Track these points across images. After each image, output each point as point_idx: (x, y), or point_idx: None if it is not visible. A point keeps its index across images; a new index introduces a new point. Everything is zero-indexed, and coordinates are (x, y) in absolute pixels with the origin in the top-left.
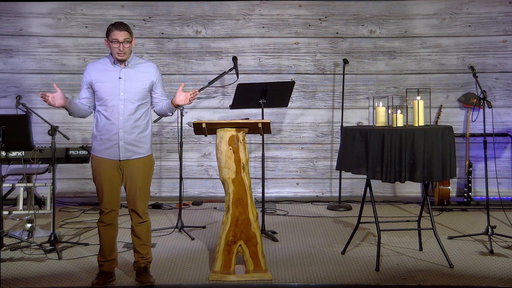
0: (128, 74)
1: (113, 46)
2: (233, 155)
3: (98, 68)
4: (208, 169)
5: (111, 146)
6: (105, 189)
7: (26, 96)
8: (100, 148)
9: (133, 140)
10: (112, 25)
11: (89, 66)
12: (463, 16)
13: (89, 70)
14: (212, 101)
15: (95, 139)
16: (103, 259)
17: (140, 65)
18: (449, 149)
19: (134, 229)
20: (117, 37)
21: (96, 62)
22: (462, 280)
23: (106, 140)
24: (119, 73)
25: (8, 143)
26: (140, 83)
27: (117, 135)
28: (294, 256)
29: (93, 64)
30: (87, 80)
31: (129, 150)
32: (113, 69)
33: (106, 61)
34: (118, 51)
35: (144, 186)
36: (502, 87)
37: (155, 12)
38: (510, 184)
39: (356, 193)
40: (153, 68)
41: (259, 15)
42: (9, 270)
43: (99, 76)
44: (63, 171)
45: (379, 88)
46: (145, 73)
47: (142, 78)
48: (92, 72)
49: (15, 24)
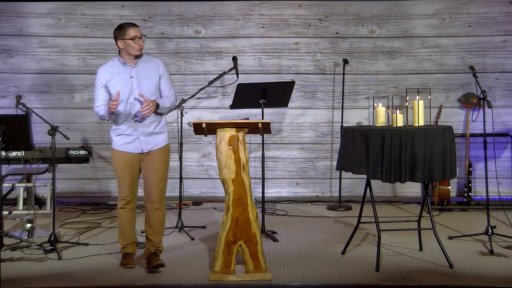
0: (138, 72)
1: (133, 43)
2: (233, 155)
3: (110, 70)
4: (208, 169)
5: (132, 141)
6: (128, 179)
7: (26, 96)
8: (122, 143)
9: (151, 133)
10: (125, 25)
11: (101, 70)
12: (463, 16)
13: (102, 74)
14: (212, 101)
15: (116, 135)
16: (127, 242)
17: (147, 62)
18: (449, 149)
19: (149, 218)
20: (135, 33)
21: (106, 65)
22: (462, 280)
23: (127, 136)
24: (130, 72)
25: (8, 143)
26: (150, 79)
27: (137, 131)
28: (294, 256)
29: (103, 67)
30: (103, 83)
31: (150, 143)
32: (124, 69)
33: (115, 62)
34: (138, 47)
35: (163, 174)
36: (502, 87)
37: (155, 12)
38: (510, 184)
39: (356, 193)
40: (159, 63)
41: (259, 15)
42: (9, 270)
43: (113, 78)
44: (63, 171)
45: (379, 88)
46: (153, 69)
47: (151, 74)
48: (105, 75)
49: (15, 24)
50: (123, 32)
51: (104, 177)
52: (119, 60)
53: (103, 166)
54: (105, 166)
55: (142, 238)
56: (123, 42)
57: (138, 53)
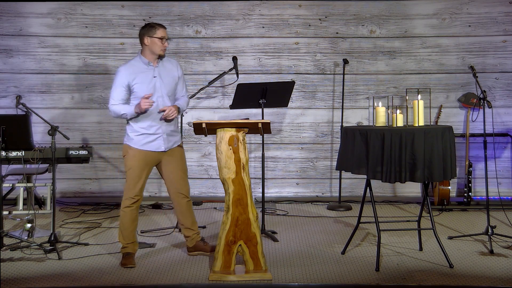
0: (160, 72)
1: (160, 43)
2: (233, 155)
3: (133, 70)
4: (208, 169)
5: (155, 139)
6: (143, 178)
7: (26, 96)
8: (144, 142)
9: (171, 131)
10: (155, 24)
11: (123, 69)
12: (463, 16)
13: (125, 73)
14: (212, 101)
15: (138, 135)
16: (128, 241)
17: (166, 63)
18: (449, 149)
19: (184, 212)
20: (163, 34)
21: (129, 64)
22: (462, 280)
23: (150, 135)
24: (153, 72)
25: (8, 143)
26: (171, 79)
27: (160, 129)
28: (294, 256)
29: (126, 66)
30: (125, 83)
31: (171, 141)
32: (147, 69)
33: (138, 62)
34: (163, 47)
35: (185, 168)
36: (502, 87)
37: (155, 12)
38: (510, 184)
39: (356, 193)
40: (177, 64)
41: (259, 15)
42: (9, 270)
43: (136, 77)
44: (63, 171)
45: (379, 88)
46: (172, 69)
47: (171, 75)
48: (128, 75)
49: (15, 24)
50: (152, 30)
51: (104, 177)
52: (142, 60)
53: (103, 166)
54: (105, 166)
55: (142, 238)
56: (150, 39)
57: (162, 53)
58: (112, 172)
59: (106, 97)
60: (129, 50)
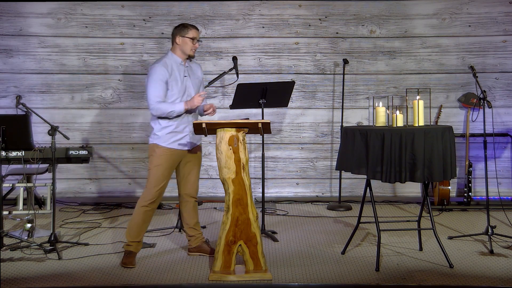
0: (190, 72)
1: (191, 43)
2: (233, 155)
3: (170, 67)
4: (208, 169)
5: (182, 138)
6: (168, 177)
7: (26, 96)
8: (172, 140)
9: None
10: (188, 25)
11: (161, 65)
12: (463, 16)
13: (164, 69)
14: (212, 101)
15: (168, 133)
16: (134, 239)
17: (192, 64)
18: (449, 149)
19: (191, 211)
20: (195, 35)
21: (163, 62)
22: (462, 280)
23: (178, 133)
24: (184, 71)
25: (8, 143)
26: (197, 80)
27: (187, 128)
28: (294, 256)
29: (161, 63)
30: (164, 78)
31: (194, 139)
32: (178, 68)
33: (170, 60)
34: (194, 48)
35: (200, 169)
36: (502, 87)
37: (155, 12)
38: (510, 184)
39: (356, 193)
40: (200, 66)
41: (259, 15)
42: (9, 270)
43: (172, 74)
44: (63, 171)
45: (379, 88)
46: (197, 71)
47: (198, 75)
48: (166, 71)
49: (15, 24)
50: (185, 30)
51: (104, 177)
52: (174, 58)
53: (103, 166)
54: (105, 166)
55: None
56: (182, 39)
57: (191, 53)
58: (112, 172)
59: (106, 97)
60: (129, 50)
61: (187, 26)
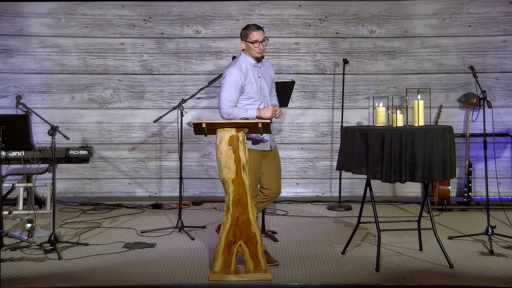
0: (263, 72)
1: (254, 47)
2: (233, 155)
3: (244, 71)
4: (208, 169)
5: (262, 139)
6: (256, 178)
7: (26, 96)
8: (256, 141)
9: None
10: (248, 27)
11: (236, 70)
12: (463, 16)
13: (240, 74)
14: (212, 101)
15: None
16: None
17: (265, 63)
18: (449, 149)
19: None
20: (257, 37)
21: (238, 66)
22: (462, 280)
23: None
24: (257, 72)
25: (8, 143)
26: (269, 79)
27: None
28: (294, 256)
29: (236, 67)
30: (239, 84)
31: (273, 140)
32: (252, 70)
33: (244, 62)
34: (259, 50)
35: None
36: (502, 87)
37: (155, 12)
38: (510, 184)
39: (356, 193)
40: (271, 64)
41: (259, 15)
42: (9, 270)
43: (247, 77)
44: (63, 171)
45: (379, 88)
46: (269, 70)
47: (269, 74)
48: (242, 75)
49: (15, 24)
50: (246, 33)
51: (104, 177)
52: (248, 60)
53: (103, 166)
54: (105, 166)
55: (142, 238)
56: (245, 43)
57: (257, 56)
58: (112, 172)
59: (106, 97)
60: (129, 50)
61: (248, 29)
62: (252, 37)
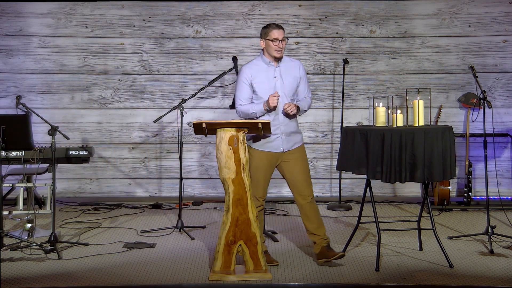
0: (282, 73)
1: (273, 45)
2: (233, 155)
3: (255, 68)
4: (208, 169)
5: (274, 140)
6: (265, 179)
7: (26, 96)
8: (263, 142)
9: (291, 133)
10: (269, 26)
11: (246, 68)
12: (463, 16)
13: (248, 71)
14: (212, 101)
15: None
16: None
17: (288, 63)
18: (449, 149)
19: (307, 214)
20: (277, 35)
21: (251, 63)
22: (462, 280)
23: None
24: (274, 72)
25: (8, 143)
26: (292, 80)
27: (279, 129)
28: (294, 256)
29: (248, 65)
30: (248, 81)
31: (290, 141)
32: (267, 68)
33: (259, 61)
34: (277, 48)
35: (308, 170)
36: (502, 87)
37: (155, 12)
38: (510, 184)
39: (356, 193)
40: (300, 65)
41: (259, 15)
42: (9, 270)
43: (257, 76)
44: (63, 171)
45: (379, 88)
46: (294, 70)
47: (293, 75)
48: (250, 72)
49: (15, 24)
50: (266, 31)
51: (104, 177)
52: (263, 59)
53: (103, 166)
54: (105, 166)
55: (142, 238)
56: (265, 41)
57: (276, 55)
58: (112, 172)
59: (106, 97)
60: (129, 50)
61: (268, 27)
62: (272, 35)
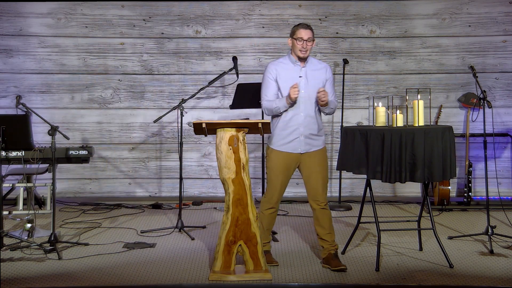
0: (307, 73)
1: (297, 44)
2: (233, 155)
3: (281, 67)
4: (208, 169)
5: (292, 140)
6: (281, 180)
7: (26, 96)
8: (282, 142)
9: (311, 134)
10: (297, 25)
11: (272, 65)
12: (463, 16)
13: (273, 68)
14: (212, 101)
15: (277, 134)
16: (265, 240)
17: (315, 64)
18: (449, 149)
19: (319, 219)
20: (302, 35)
21: (277, 61)
22: (462, 280)
23: (287, 135)
24: (299, 72)
25: (8, 143)
26: (317, 81)
27: (298, 130)
28: (294, 256)
29: (274, 63)
30: (273, 77)
31: (308, 144)
32: (293, 68)
33: (286, 60)
34: (301, 48)
35: (325, 175)
36: (502, 87)
37: (155, 12)
38: (510, 184)
39: (356, 193)
40: (327, 67)
41: (259, 15)
42: (9, 270)
43: (282, 74)
44: (63, 171)
45: (379, 88)
46: (320, 72)
47: (318, 77)
48: (276, 69)
49: (15, 24)
50: (294, 30)
51: (104, 177)
52: (290, 59)
53: (103, 166)
54: (105, 166)
55: (142, 238)
56: (292, 40)
57: (300, 54)
58: (112, 172)
59: (106, 97)
60: (129, 50)
61: (296, 26)
62: (298, 34)
